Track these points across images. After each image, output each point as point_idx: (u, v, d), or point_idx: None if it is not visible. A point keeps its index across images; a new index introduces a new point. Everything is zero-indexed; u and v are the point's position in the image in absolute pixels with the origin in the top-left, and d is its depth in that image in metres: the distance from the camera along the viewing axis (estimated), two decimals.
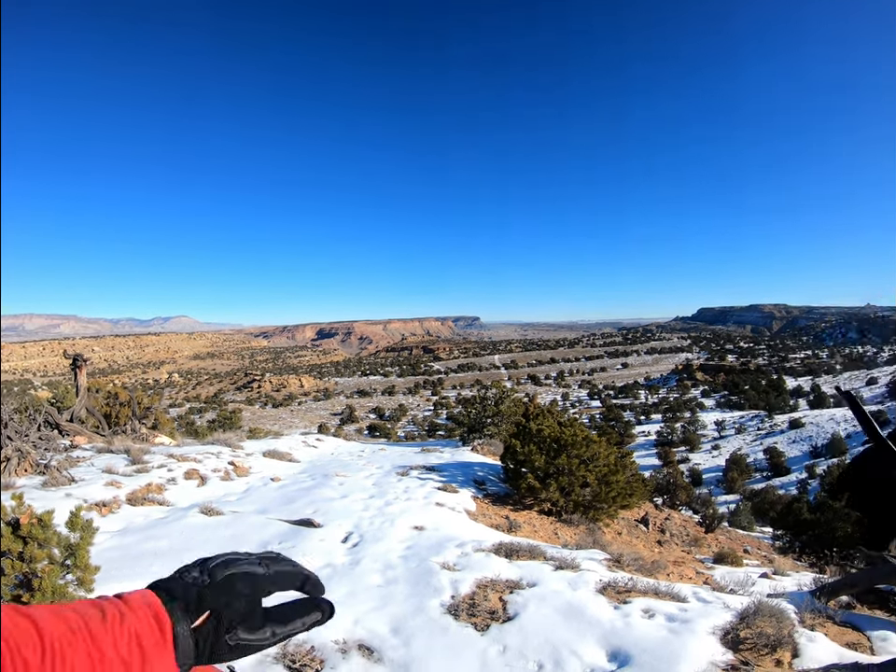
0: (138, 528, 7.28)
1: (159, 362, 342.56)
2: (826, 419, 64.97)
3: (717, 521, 16.47)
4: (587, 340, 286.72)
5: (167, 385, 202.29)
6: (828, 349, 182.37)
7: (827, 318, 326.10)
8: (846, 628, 5.55)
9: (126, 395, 18.44)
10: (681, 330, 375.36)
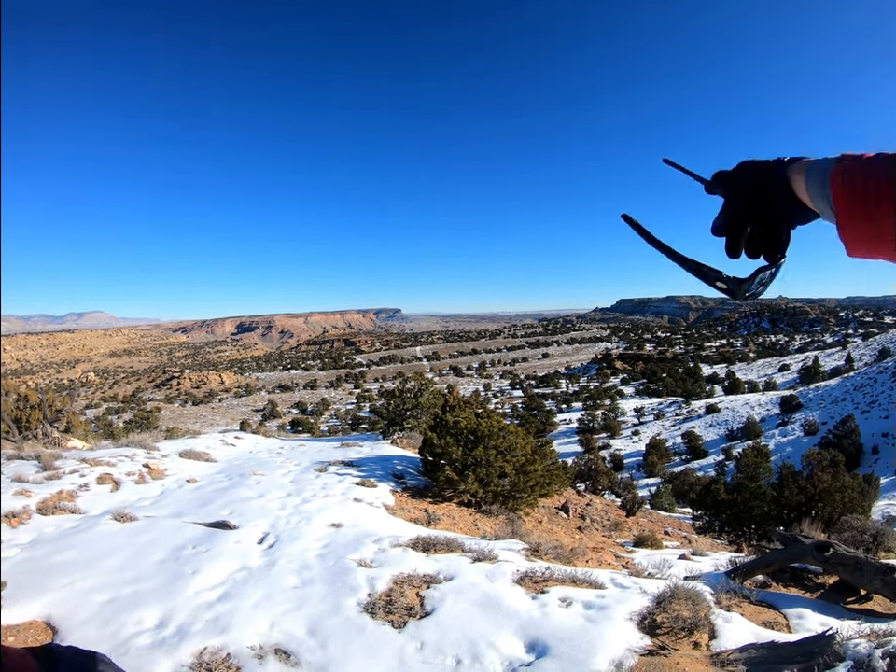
0: (49, 539, 6.98)
1: (74, 361, 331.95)
2: (741, 404, 67.23)
3: (637, 504, 16.80)
4: (508, 331, 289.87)
5: (83, 385, 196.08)
6: (742, 338, 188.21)
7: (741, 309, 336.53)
8: (762, 607, 5.69)
9: (36, 397, 17.73)
10: (601, 321, 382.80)
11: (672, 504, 29.31)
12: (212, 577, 5.77)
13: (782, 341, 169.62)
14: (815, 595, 6.55)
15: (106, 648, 4.39)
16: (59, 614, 4.90)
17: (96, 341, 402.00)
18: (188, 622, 4.80)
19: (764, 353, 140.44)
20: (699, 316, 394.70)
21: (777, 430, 54.76)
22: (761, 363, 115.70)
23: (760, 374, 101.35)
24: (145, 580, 5.66)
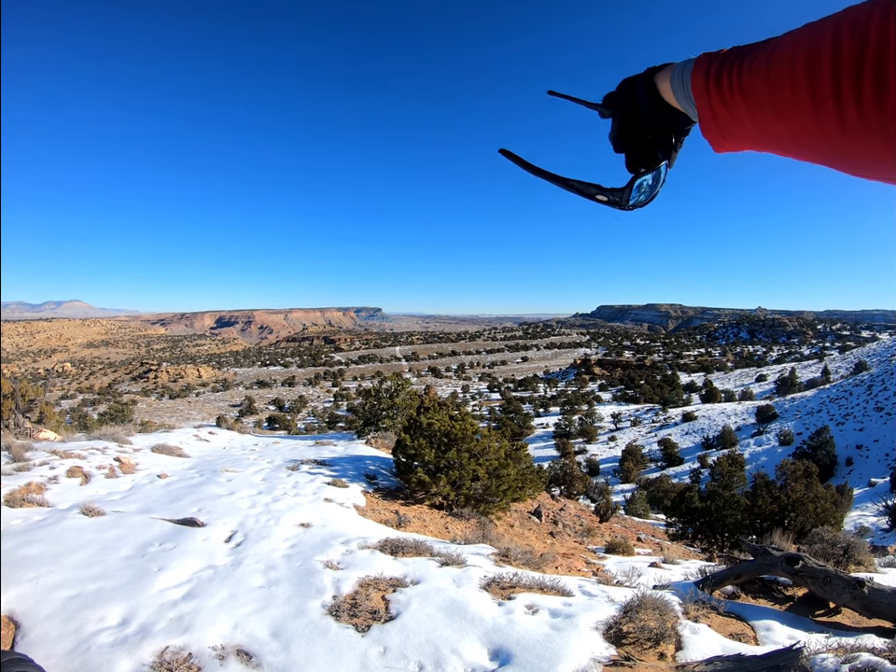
0: (16, 532, 6.88)
1: (50, 350, 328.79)
2: (717, 413, 67.74)
3: (611, 510, 16.88)
4: (488, 333, 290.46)
5: (59, 375, 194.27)
6: (720, 348, 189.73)
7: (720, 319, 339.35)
8: (730, 618, 5.71)
9: (9, 386, 17.54)
10: (581, 326, 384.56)
11: (646, 510, 29.48)
12: (177, 575, 5.71)
13: (760, 351, 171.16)
14: (784, 608, 6.58)
15: (68, 645, 4.35)
16: (22, 609, 4.84)
17: (74, 330, 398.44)
18: (151, 620, 4.75)
19: (742, 363, 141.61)
20: (678, 325, 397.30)
21: (752, 440, 55.23)
22: (738, 373, 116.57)
23: (737, 384, 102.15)
24: (110, 576, 5.59)
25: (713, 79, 0.91)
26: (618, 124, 1.17)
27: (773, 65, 0.80)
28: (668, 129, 1.15)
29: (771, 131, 0.85)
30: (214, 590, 5.36)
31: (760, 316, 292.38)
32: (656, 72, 1.10)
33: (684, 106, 1.04)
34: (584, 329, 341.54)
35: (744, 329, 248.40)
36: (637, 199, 1.16)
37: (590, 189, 1.15)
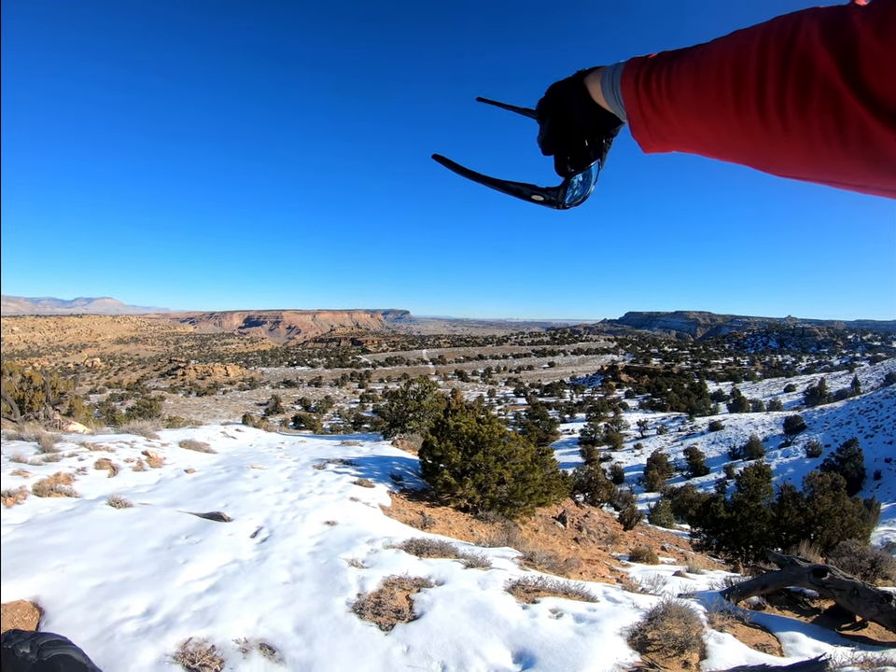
0: (44, 521, 6.96)
1: (81, 345, 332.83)
2: (745, 423, 67.03)
3: (635, 518, 16.75)
4: (515, 338, 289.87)
5: (88, 370, 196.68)
6: (749, 357, 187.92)
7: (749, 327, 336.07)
8: (755, 629, 5.62)
9: (40, 379, 17.77)
10: (608, 332, 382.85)
11: (671, 520, 29.24)
12: (203, 568, 5.74)
13: (789, 361, 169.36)
14: (810, 620, 6.49)
15: (92, 632, 4.38)
16: (47, 596, 4.89)
17: (104, 327, 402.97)
18: (175, 611, 4.78)
19: (771, 372, 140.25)
20: (707, 332, 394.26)
21: (779, 451, 54.62)
22: (766, 382, 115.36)
23: (765, 394, 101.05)
24: (136, 567, 5.64)
25: (642, 83, 0.93)
26: (547, 127, 1.19)
27: (701, 69, 0.82)
28: (598, 130, 1.16)
29: (698, 132, 0.87)
30: (239, 584, 5.38)
31: (789, 325, 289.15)
32: (585, 75, 1.12)
33: (614, 108, 1.06)
34: (612, 335, 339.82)
35: (773, 338, 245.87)
36: (573, 197, 1.19)
37: (525, 190, 1.18)
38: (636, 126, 0.98)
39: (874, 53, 0.62)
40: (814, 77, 0.66)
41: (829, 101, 0.66)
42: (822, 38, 0.66)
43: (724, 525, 15.66)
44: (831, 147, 0.69)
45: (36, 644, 1.07)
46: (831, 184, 0.77)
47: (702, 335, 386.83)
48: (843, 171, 0.71)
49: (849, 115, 0.64)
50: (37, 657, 1.05)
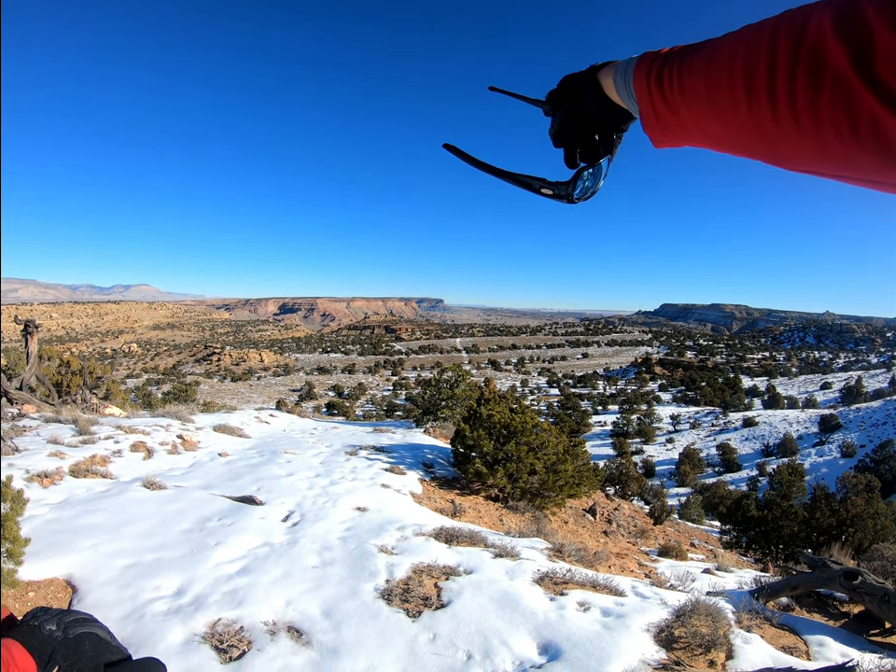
0: (79, 501, 7.10)
1: (118, 331, 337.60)
2: (779, 419, 66.21)
3: (665, 513, 16.64)
4: (549, 328, 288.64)
5: (125, 355, 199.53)
6: (785, 352, 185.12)
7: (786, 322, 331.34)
8: (783, 631, 5.57)
9: (78, 363, 18.08)
10: (643, 324, 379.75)
11: (701, 516, 29.01)
12: (234, 550, 5.82)
13: (826, 357, 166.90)
14: (838, 624, 6.40)
15: (123, 611, 4.47)
16: (80, 574, 4.99)
17: (141, 313, 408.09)
18: (205, 592, 4.85)
19: (807, 369, 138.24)
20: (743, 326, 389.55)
21: (813, 449, 53.88)
22: (802, 379, 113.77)
23: (801, 390, 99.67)
24: (168, 548, 5.72)
25: (654, 78, 0.93)
26: (559, 120, 1.20)
27: (712, 63, 0.82)
28: (609, 124, 1.17)
29: (709, 127, 0.87)
30: (269, 567, 5.44)
31: (827, 321, 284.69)
32: (598, 69, 1.12)
33: (626, 103, 1.06)
34: (647, 327, 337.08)
35: (810, 334, 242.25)
36: (583, 191, 1.18)
37: (535, 183, 1.17)
38: (647, 121, 0.98)
39: (888, 47, 0.61)
40: (825, 70, 0.66)
41: (840, 94, 0.65)
42: (834, 30, 0.65)
43: (755, 523, 15.50)
44: (843, 141, 0.68)
45: (63, 621, 1.11)
46: (844, 179, 0.76)
47: (738, 329, 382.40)
48: (855, 165, 0.71)
49: (862, 108, 0.64)
50: (63, 634, 1.08)
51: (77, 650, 1.06)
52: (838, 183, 0.80)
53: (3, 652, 0.98)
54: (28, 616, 1.13)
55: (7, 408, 12.88)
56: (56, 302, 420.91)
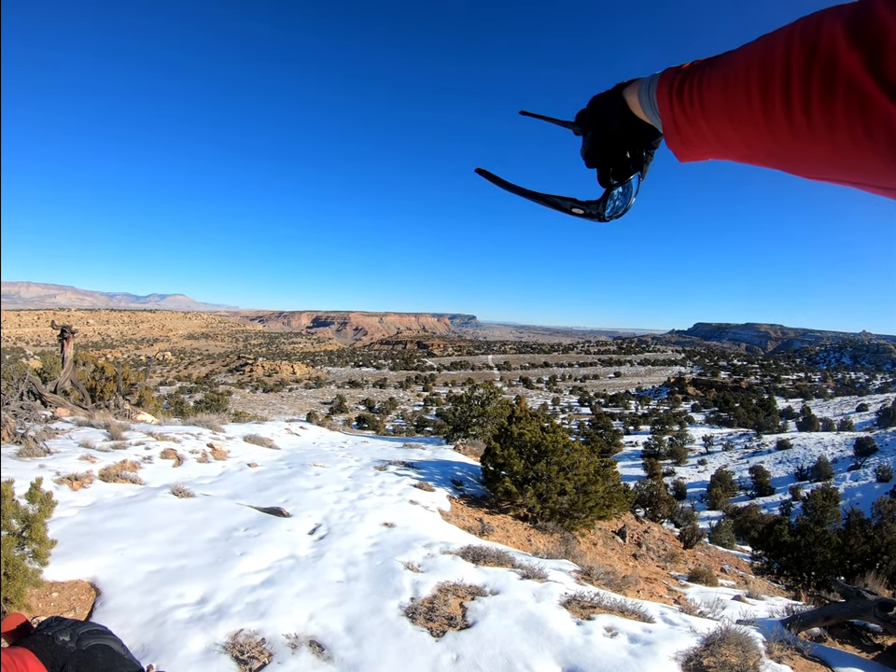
0: (107, 505, 7.16)
1: (153, 339, 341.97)
2: (814, 442, 65.16)
3: (696, 537, 16.41)
4: (581, 346, 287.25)
5: (159, 363, 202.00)
6: (821, 373, 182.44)
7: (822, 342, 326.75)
8: (814, 662, 5.43)
9: (112, 369, 18.30)
10: (676, 343, 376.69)
11: (732, 540, 28.59)
12: (259, 561, 5.82)
13: (862, 379, 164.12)
14: (871, 656, 6.23)
15: (145, 616, 4.49)
16: (105, 577, 5.03)
17: (176, 322, 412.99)
18: (228, 602, 4.86)
19: (843, 390, 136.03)
20: (778, 346, 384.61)
21: (848, 473, 52.88)
22: (838, 401, 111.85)
23: (836, 412, 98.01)
24: (193, 555, 5.75)
25: (675, 92, 0.94)
26: (589, 140, 1.20)
27: (729, 73, 0.82)
28: (638, 142, 1.17)
29: (728, 138, 0.88)
30: (293, 579, 5.43)
31: (864, 341, 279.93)
32: (624, 87, 1.13)
33: (652, 119, 1.07)
34: (680, 346, 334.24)
35: (846, 354, 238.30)
36: (614, 210, 1.18)
37: (566, 203, 1.18)
38: (670, 135, 0.99)
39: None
40: (838, 75, 0.65)
41: (854, 98, 0.65)
42: (846, 35, 0.65)
43: (787, 549, 15.23)
44: (858, 147, 0.68)
45: (77, 633, 1.11)
46: (861, 186, 0.76)
47: (773, 349, 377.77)
48: (872, 171, 0.70)
49: (876, 113, 0.63)
50: (76, 645, 1.09)
51: (90, 661, 1.06)
52: (873, 197, 0.78)
53: (16, 662, 0.99)
54: (42, 625, 1.14)
55: (41, 410, 13.06)
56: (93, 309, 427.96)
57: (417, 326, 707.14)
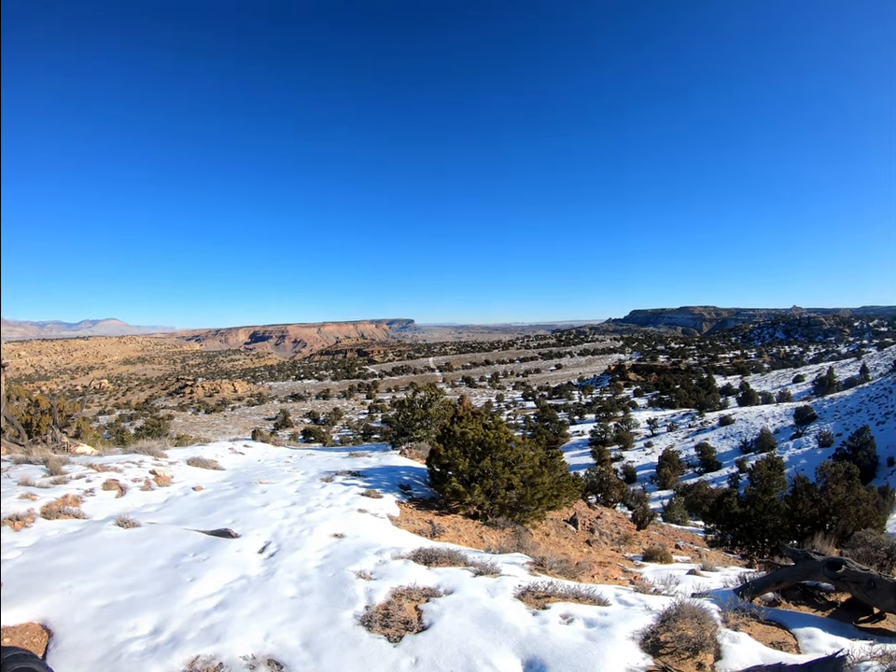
0: (52, 542, 6.97)
1: (88, 367, 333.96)
2: (755, 415, 66.88)
3: (648, 517, 16.68)
4: (521, 342, 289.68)
5: (97, 392, 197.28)
6: (756, 349, 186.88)
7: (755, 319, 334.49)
8: (771, 626, 5.56)
9: (47, 402, 17.80)
10: (614, 332, 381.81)
11: (685, 517, 29.14)
12: (210, 585, 5.74)
13: (797, 351, 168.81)
14: (826, 614, 6.40)
15: (99, 652, 4.41)
16: (55, 617, 4.92)
17: (110, 348, 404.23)
18: (182, 629, 4.79)
19: (779, 364, 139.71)
20: (713, 327, 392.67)
21: (791, 442, 54.39)
22: (775, 374, 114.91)
23: (774, 385, 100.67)
24: (143, 586, 5.64)
25: None
26: None
27: None
28: None
29: None
30: (246, 600, 5.37)
31: (795, 315, 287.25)
32: None
33: None
34: (618, 334, 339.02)
35: (779, 330, 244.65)
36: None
37: None
38: None
39: None
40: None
41: None
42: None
43: (738, 519, 15.60)
44: None
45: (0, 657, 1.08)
46: None
47: (708, 330, 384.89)
48: None
49: None
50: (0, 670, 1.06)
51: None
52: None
53: None
54: None
55: None
56: (24, 340, 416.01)
57: (356, 333, 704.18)
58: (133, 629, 4.77)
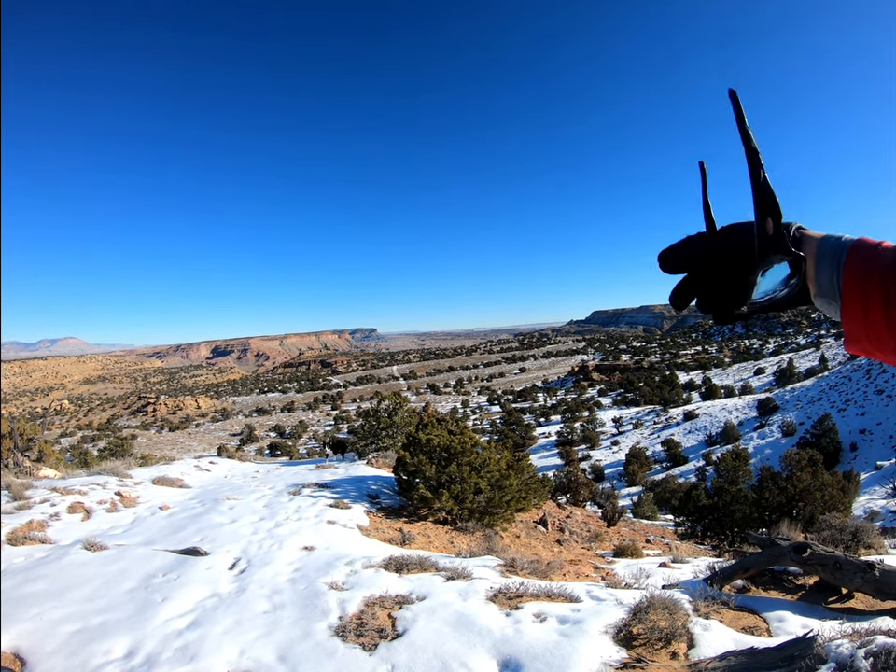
0: (19, 570, 6.86)
1: (47, 388, 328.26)
2: (719, 409, 67.58)
3: (618, 514, 16.80)
4: (485, 347, 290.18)
5: (57, 413, 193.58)
6: (717, 344, 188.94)
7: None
8: (741, 612, 5.67)
9: (7, 426, 17.47)
10: (576, 333, 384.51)
11: (654, 512, 29.39)
12: (182, 604, 5.70)
13: (756, 345, 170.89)
14: (795, 597, 6.54)
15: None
16: (27, 645, 4.84)
17: (70, 368, 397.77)
18: (156, 650, 4.75)
19: (739, 357, 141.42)
20: (673, 325, 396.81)
21: (755, 433, 55.06)
22: (736, 368, 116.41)
23: (736, 379, 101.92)
24: (114, 609, 5.58)
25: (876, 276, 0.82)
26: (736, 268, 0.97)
27: None
28: None
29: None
30: (219, 617, 5.34)
31: None
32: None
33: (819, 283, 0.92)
34: (580, 335, 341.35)
35: (739, 324, 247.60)
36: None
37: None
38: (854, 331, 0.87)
39: None
40: None
41: None
42: None
43: (707, 511, 15.79)
44: None
45: None
46: None
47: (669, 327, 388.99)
48: None
49: None
50: None
51: None
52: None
53: None
54: None
55: None
56: None
57: (319, 345, 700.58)
58: (107, 653, 4.72)
